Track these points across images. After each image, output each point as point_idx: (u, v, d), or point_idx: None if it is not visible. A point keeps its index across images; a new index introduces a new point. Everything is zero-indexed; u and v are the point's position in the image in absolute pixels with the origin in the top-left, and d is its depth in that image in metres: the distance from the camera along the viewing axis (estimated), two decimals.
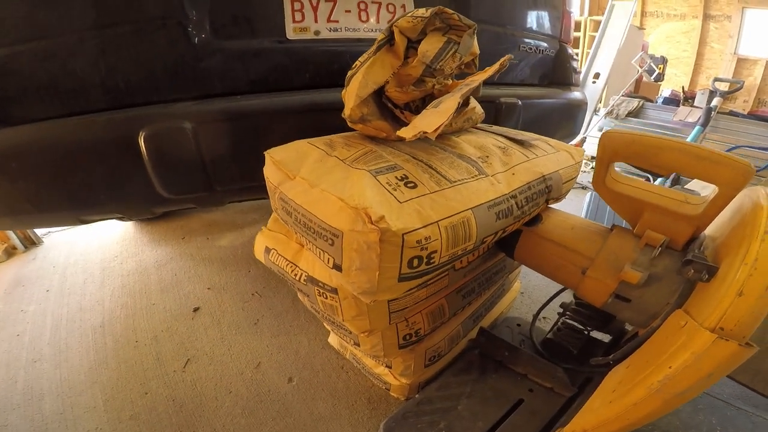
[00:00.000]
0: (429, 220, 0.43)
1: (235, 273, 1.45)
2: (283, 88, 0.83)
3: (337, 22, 0.87)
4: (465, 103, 0.72)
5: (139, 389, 0.94)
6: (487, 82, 0.77)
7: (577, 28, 3.78)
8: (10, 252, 1.85)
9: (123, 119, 0.70)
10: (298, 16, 0.81)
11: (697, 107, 2.23)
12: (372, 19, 0.92)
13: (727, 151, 2.03)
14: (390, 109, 0.60)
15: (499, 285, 0.92)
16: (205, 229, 1.80)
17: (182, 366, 1.01)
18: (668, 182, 1.95)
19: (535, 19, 1.27)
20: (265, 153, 0.62)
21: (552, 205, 0.74)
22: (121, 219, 1.85)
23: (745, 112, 5.06)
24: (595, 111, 2.65)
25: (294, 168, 0.54)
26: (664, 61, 4.14)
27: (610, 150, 0.53)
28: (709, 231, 0.55)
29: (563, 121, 1.36)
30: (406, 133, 0.48)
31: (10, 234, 1.86)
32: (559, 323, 0.81)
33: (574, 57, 1.43)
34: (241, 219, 1.89)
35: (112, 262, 1.56)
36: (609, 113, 2.45)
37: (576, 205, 2.01)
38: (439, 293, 0.73)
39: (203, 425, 0.84)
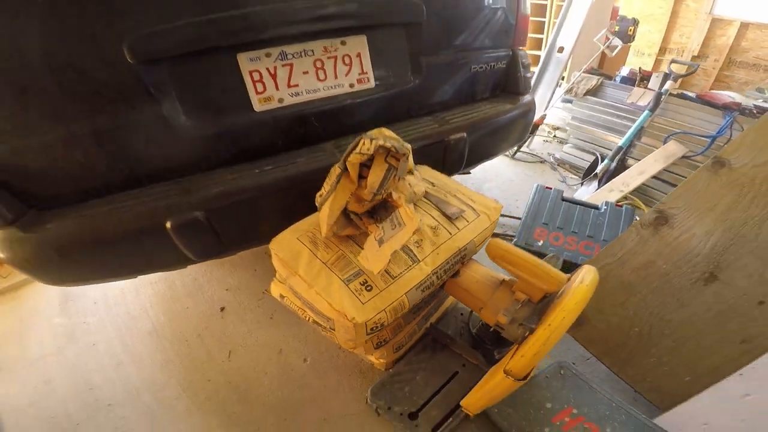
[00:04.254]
0: (379, 309, 0.82)
1: (245, 273, 1.85)
2: (260, 156, 1.11)
3: (298, 86, 1.12)
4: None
5: (203, 378, 1.39)
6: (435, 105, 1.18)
7: None
8: None
9: (147, 212, 0.97)
10: (259, 87, 1.06)
11: (650, 90, 2.50)
12: (330, 77, 1.16)
13: (666, 137, 2.35)
14: (352, 216, 0.94)
15: (443, 295, 1.32)
16: None
17: (227, 357, 1.45)
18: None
19: (488, 36, 1.46)
20: (270, 247, 0.96)
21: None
22: None
23: (715, 72, 5.30)
24: (558, 85, 2.88)
25: (294, 266, 0.90)
26: (635, 22, 4.28)
27: (492, 254, 0.91)
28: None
29: (510, 133, 1.62)
30: (371, 262, 0.84)
31: None
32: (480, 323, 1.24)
33: (525, 63, 1.64)
34: None
35: None
36: (569, 91, 2.71)
37: (530, 180, 2.38)
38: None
39: (254, 400, 1.31)
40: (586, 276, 0.84)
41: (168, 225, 0.98)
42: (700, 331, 1.27)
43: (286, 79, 1.12)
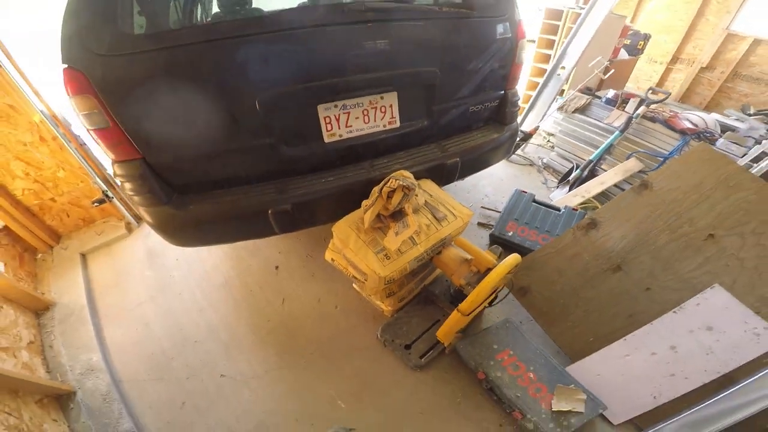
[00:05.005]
0: (393, 270, 1.51)
1: (293, 240, 2.51)
2: (326, 169, 1.78)
3: (351, 126, 1.77)
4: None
5: (264, 319, 2.07)
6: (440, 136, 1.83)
7: (557, 17, 3.97)
8: (130, 227, 2.69)
9: (258, 203, 1.64)
10: (329, 127, 1.72)
11: (626, 112, 3.04)
12: (371, 120, 1.80)
13: (629, 154, 2.92)
14: (382, 217, 1.61)
15: (432, 267, 2.00)
16: None
17: (281, 303, 2.14)
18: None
19: (486, 85, 2.03)
20: (332, 230, 1.65)
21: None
22: None
23: (719, 83, 5.64)
24: (554, 99, 3.42)
25: (346, 242, 1.59)
26: (646, 37, 4.73)
27: (456, 243, 1.58)
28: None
29: (495, 154, 2.24)
30: (390, 244, 1.52)
31: (124, 212, 2.67)
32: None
33: (514, 101, 2.23)
34: None
35: None
36: (560, 108, 3.27)
37: (518, 181, 2.97)
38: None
39: (302, 335, 1.98)
40: (508, 260, 1.51)
41: (270, 212, 1.66)
42: (602, 306, 1.88)
43: (345, 122, 1.76)
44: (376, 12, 1.60)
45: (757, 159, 2.46)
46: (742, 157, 2.57)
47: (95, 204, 2.50)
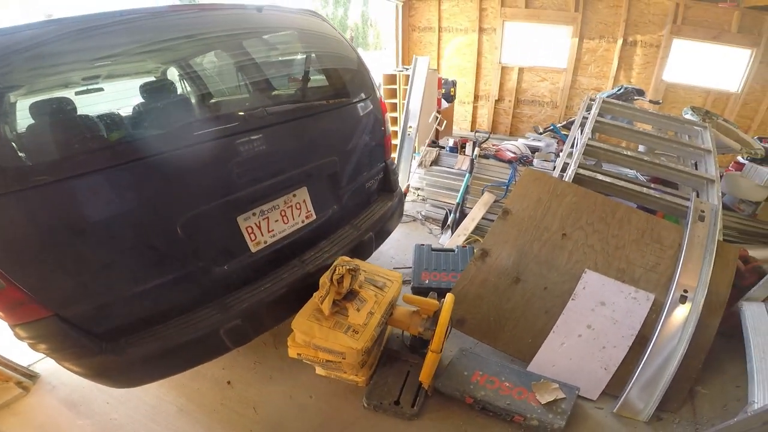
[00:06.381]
0: (365, 340, 1.75)
1: (232, 354, 2.36)
2: (261, 277, 1.89)
3: (273, 230, 1.96)
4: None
5: (246, 431, 2.00)
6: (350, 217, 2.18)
7: (393, 81, 4.91)
8: (25, 386, 2.19)
9: (205, 326, 1.67)
10: (253, 237, 1.87)
11: (467, 155, 3.88)
12: (290, 220, 2.03)
13: (482, 189, 3.72)
14: (336, 301, 1.83)
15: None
16: None
17: (255, 412, 2.06)
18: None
19: (372, 162, 2.44)
20: (292, 326, 1.79)
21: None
22: None
23: (511, 111, 7.28)
24: (412, 158, 4.13)
25: (312, 333, 1.77)
26: (454, 84, 5.93)
27: (404, 300, 1.90)
28: None
29: (395, 217, 2.69)
30: (356, 320, 1.75)
31: (9, 372, 2.18)
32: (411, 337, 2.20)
33: (393, 169, 2.71)
34: None
35: None
36: (420, 164, 3.98)
37: (411, 237, 3.46)
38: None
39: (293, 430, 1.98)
40: (447, 299, 1.90)
41: (221, 331, 1.71)
42: (523, 312, 2.41)
43: (267, 227, 1.93)
44: (277, 115, 1.87)
45: (563, 169, 3.41)
46: (554, 170, 3.53)
47: None
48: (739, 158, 3.85)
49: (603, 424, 2.00)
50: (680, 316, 2.17)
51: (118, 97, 1.91)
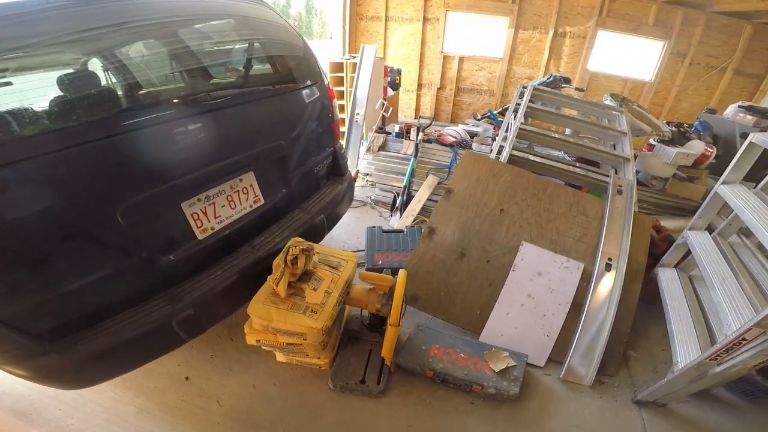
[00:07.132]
0: (324, 320, 1.81)
1: (186, 349, 2.31)
2: (211, 265, 1.88)
3: (220, 216, 1.95)
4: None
5: (213, 424, 1.96)
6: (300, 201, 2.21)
7: (340, 69, 4.94)
8: None
9: (157, 318, 1.63)
10: (199, 224, 1.85)
11: (412, 140, 4.00)
12: (237, 205, 2.02)
13: (427, 172, 3.88)
14: (291, 283, 1.85)
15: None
16: None
17: (218, 405, 2.04)
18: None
19: (320, 146, 2.48)
20: (248, 312, 1.80)
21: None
22: None
23: (452, 98, 7.53)
24: (360, 144, 4.18)
25: (270, 317, 1.79)
26: (399, 72, 6.03)
27: (360, 277, 1.98)
28: None
29: (346, 201, 2.74)
30: (313, 299, 1.80)
31: None
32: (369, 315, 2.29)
33: (342, 153, 2.76)
34: None
35: None
36: (368, 150, 4.05)
37: (362, 220, 3.53)
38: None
39: (262, 423, 1.95)
40: (400, 274, 2.01)
41: (173, 322, 1.68)
42: (469, 285, 2.58)
43: (213, 213, 1.90)
44: (221, 100, 1.84)
45: (499, 151, 3.67)
46: (491, 152, 3.77)
47: None
48: (651, 140, 4.33)
49: (553, 390, 2.21)
50: (607, 283, 2.45)
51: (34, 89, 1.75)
